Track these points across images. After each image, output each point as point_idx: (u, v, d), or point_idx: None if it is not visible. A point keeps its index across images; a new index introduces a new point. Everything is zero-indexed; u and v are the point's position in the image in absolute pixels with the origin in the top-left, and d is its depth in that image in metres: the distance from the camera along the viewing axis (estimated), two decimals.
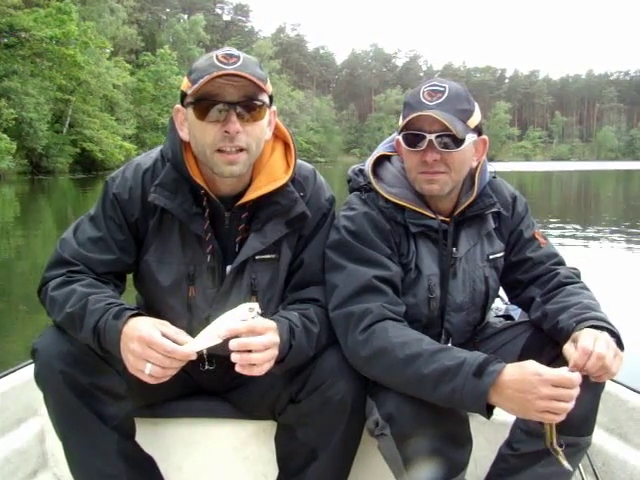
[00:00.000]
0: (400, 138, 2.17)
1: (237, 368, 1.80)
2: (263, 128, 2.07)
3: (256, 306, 1.85)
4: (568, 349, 1.91)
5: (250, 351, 1.79)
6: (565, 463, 1.87)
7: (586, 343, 1.84)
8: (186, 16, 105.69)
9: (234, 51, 2.01)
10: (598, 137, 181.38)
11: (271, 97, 2.08)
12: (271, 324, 1.88)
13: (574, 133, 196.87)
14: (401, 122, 2.16)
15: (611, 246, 14.04)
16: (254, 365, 1.80)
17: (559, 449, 1.86)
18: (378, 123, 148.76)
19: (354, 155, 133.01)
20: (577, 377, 1.74)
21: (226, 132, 1.96)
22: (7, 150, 38.09)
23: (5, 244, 14.44)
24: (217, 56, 1.97)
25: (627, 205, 26.96)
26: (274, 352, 1.86)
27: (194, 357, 1.81)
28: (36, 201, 27.14)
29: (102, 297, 1.98)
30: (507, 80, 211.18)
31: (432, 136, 2.09)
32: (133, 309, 1.94)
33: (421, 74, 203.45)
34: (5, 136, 38.28)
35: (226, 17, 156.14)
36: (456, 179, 2.19)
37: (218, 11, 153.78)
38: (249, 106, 1.98)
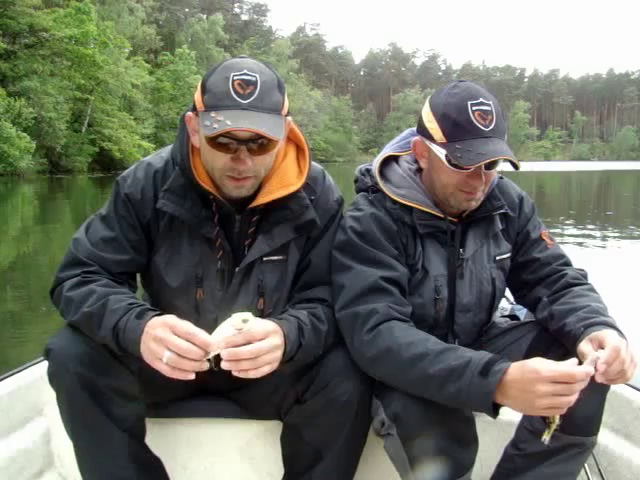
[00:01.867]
0: (442, 156, 2.10)
1: (234, 373, 1.79)
2: (274, 155, 2.06)
3: (250, 316, 1.81)
4: (584, 346, 1.90)
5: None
6: (547, 438, 1.86)
7: (617, 343, 1.83)
8: (205, 16, 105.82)
9: (251, 73, 1.93)
10: (618, 137, 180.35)
11: (287, 112, 2.04)
12: (272, 327, 1.86)
13: (594, 133, 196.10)
14: (441, 136, 2.09)
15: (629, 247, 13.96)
16: (249, 370, 1.79)
17: (553, 429, 1.84)
18: (396, 122, 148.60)
19: (372, 155, 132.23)
20: (583, 370, 1.70)
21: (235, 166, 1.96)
22: (27, 149, 38.55)
23: (24, 242, 14.55)
24: (233, 82, 1.91)
25: None
26: (275, 355, 1.85)
27: (212, 349, 1.77)
28: (55, 200, 27.32)
29: (123, 297, 1.98)
30: (526, 79, 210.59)
31: (485, 162, 2.04)
32: (156, 310, 1.94)
33: (440, 73, 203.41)
34: (25, 135, 38.68)
35: (244, 16, 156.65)
36: (487, 191, 2.20)
37: (237, 10, 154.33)
38: (261, 142, 1.96)
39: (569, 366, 1.71)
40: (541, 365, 1.73)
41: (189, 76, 68.98)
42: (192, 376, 1.79)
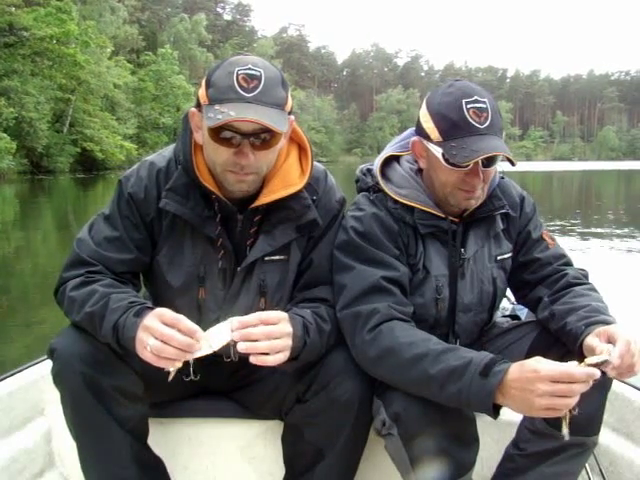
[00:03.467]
0: (439, 155, 2.10)
1: (251, 359, 1.81)
2: (276, 151, 2.06)
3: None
4: (592, 340, 1.89)
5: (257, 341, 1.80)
6: (566, 432, 1.81)
7: (628, 336, 1.83)
8: (187, 16, 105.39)
9: (255, 68, 1.94)
10: (599, 137, 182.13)
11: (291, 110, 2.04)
12: (283, 315, 1.90)
13: (575, 133, 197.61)
14: (437, 134, 2.09)
15: (612, 247, 14.06)
16: (267, 354, 1.81)
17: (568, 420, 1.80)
18: (379, 123, 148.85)
19: (356, 155, 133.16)
20: (584, 372, 1.69)
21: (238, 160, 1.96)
22: (7, 150, 38.12)
23: (5, 244, 14.40)
24: (238, 76, 1.92)
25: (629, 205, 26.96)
26: (287, 342, 1.87)
27: (198, 340, 1.78)
28: (36, 201, 27.07)
29: (124, 296, 1.98)
30: (508, 80, 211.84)
31: (480, 158, 2.04)
32: (155, 308, 1.93)
33: (422, 74, 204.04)
34: (5, 135, 38.32)
35: (227, 17, 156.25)
36: (486, 189, 2.19)
37: (219, 10, 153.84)
38: (264, 137, 1.96)
39: (569, 366, 1.71)
40: (540, 364, 1.73)
41: (171, 76, 68.78)
42: (179, 364, 1.80)
